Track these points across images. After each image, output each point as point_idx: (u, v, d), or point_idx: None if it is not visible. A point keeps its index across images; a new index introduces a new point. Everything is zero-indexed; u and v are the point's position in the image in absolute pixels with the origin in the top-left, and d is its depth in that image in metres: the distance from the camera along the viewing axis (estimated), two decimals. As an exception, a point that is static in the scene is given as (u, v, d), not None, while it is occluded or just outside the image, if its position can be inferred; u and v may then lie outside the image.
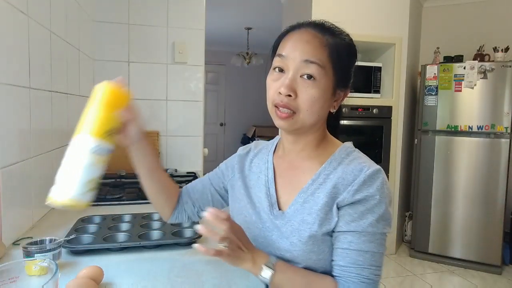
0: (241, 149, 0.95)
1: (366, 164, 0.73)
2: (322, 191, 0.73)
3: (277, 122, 0.75)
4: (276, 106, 0.73)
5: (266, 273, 0.67)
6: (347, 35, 0.78)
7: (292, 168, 0.81)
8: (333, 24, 0.78)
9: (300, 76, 0.71)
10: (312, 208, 0.73)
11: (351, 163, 0.74)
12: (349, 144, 0.82)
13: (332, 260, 0.72)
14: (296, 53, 0.72)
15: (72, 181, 0.64)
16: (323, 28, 0.75)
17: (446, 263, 3.15)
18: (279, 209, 0.78)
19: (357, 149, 0.80)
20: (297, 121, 0.73)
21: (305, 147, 0.80)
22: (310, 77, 0.71)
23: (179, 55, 2.12)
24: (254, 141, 0.97)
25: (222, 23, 5.13)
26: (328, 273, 0.73)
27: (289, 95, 0.71)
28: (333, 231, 0.72)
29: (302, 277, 0.70)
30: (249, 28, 5.36)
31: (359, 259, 0.68)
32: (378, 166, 0.73)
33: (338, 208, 0.71)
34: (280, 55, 0.74)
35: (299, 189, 0.77)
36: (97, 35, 2.00)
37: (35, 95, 1.16)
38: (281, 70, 0.74)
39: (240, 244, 0.66)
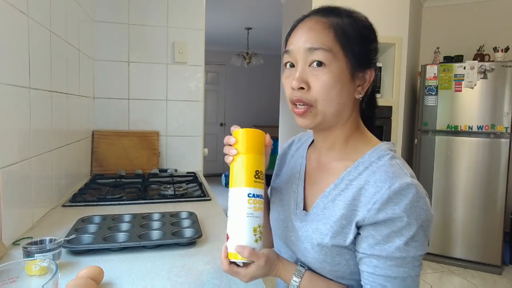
0: (286, 143, 0.92)
1: (394, 176, 0.62)
2: (342, 199, 0.67)
3: (298, 121, 0.70)
4: (293, 104, 0.69)
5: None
6: (356, 12, 0.71)
7: (320, 168, 0.76)
8: (341, 6, 0.72)
9: (310, 66, 0.67)
10: (330, 217, 0.67)
11: (377, 171, 0.65)
12: (386, 146, 0.70)
13: (360, 280, 0.67)
14: (300, 43, 0.68)
15: (239, 234, 0.66)
16: (326, 11, 0.70)
17: (446, 263, 3.15)
18: (304, 209, 0.75)
19: (393, 153, 0.69)
20: (317, 114, 0.67)
21: (335, 143, 0.73)
22: (319, 64, 0.66)
23: (179, 55, 2.12)
24: (300, 134, 0.92)
25: (222, 23, 5.13)
26: (348, 283, 0.70)
27: (302, 88, 0.66)
28: (352, 248, 0.66)
29: None
30: (249, 28, 5.36)
31: (387, 285, 0.61)
32: (408, 180, 0.61)
33: (358, 227, 0.64)
34: (287, 51, 0.71)
35: (322, 191, 0.72)
36: (97, 35, 2.00)
37: (35, 95, 1.16)
38: (292, 66, 0.70)
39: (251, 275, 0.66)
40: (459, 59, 3.20)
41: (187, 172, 2.03)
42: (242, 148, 0.69)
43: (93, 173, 1.94)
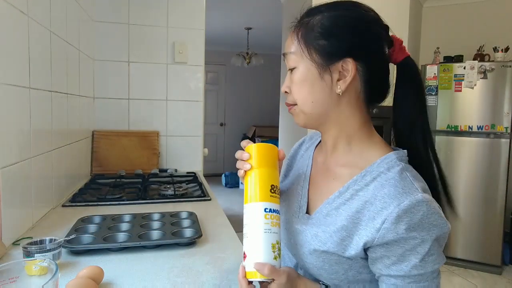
0: (297, 143, 0.91)
1: (403, 191, 0.58)
2: (346, 210, 0.64)
3: (294, 120, 0.73)
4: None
5: None
6: (341, 4, 0.68)
7: (326, 171, 0.73)
8: (323, 4, 0.68)
9: (289, 70, 0.71)
10: (330, 226, 0.65)
11: (386, 185, 0.61)
12: (396, 155, 0.65)
13: None
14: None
15: (258, 251, 0.63)
16: (306, 13, 0.70)
17: (446, 263, 3.13)
18: (307, 212, 0.73)
19: (404, 164, 0.63)
20: (299, 113, 0.70)
21: (337, 144, 0.71)
22: (292, 68, 0.69)
23: (179, 55, 2.12)
24: (311, 133, 0.88)
25: (222, 23, 5.13)
26: None
27: (286, 92, 0.71)
28: (353, 259, 0.64)
29: None
30: (249, 28, 5.36)
31: None
32: (419, 196, 0.57)
33: (366, 248, 0.61)
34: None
35: (327, 197, 0.69)
36: (97, 35, 2.00)
37: (35, 95, 1.16)
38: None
39: None
40: (459, 59, 3.20)
41: (187, 172, 2.03)
42: (256, 162, 0.67)
43: (93, 173, 1.94)
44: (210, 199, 1.53)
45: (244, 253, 0.64)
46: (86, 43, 1.82)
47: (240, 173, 0.69)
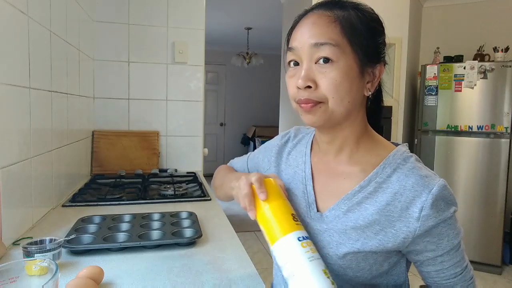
0: (280, 138, 0.86)
1: (429, 179, 0.63)
2: (373, 203, 0.64)
3: (306, 118, 0.65)
4: (298, 104, 0.65)
5: None
6: (362, 5, 0.67)
7: (330, 171, 0.72)
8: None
9: (316, 63, 0.62)
10: (358, 221, 0.64)
11: (410, 175, 0.64)
12: (404, 148, 0.70)
13: (427, 278, 0.70)
14: (304, 39, 0.63)
15: (313, 282, 0.55)
16: (330, 4, 0.66)
17: (446, 263, 3.15)
18: (318, 210, 0.70)
19: (414, 155, 0.69)
20: (326, 111, 0.63)
21: (344, 145, 0.69)
22: (326, 60, 0.61)
23: (179, 55, 2.12)
24: (294, 128, 0.86)
25: (222, 23, 5.13)
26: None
27: (309, 87, 0.62)
28: (377, 251, 0.64)
29: None
30: (249, 28, 5.36)
31: (457, 270, 0.67)
32: (441, 180, 0.64)
33: (406, 239, 0.63)
34: (290, 48, 0.66)
35: (340, 194, 0.68)
36: (97, 35, 2.00)
37: (35, 95, 1.16)
38: (296, 64, 0.66)
39: None
40: (459, 59, 3.20)
41: (187, 172, 2.03)
42: (268, 197, 0.62)
43: (93, 173, 1.94)
44: (210, 199, 1.53)
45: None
46: (86, 43, 1.82)
47: (253, 213, 0.63)
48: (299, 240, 0.59)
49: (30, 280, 0.58)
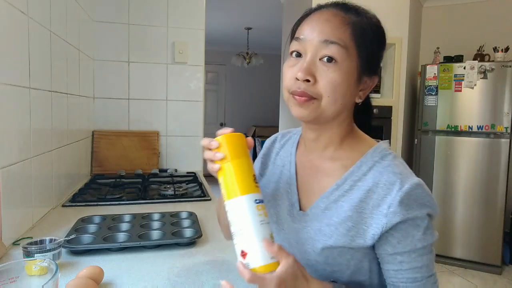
0: (267, 141, 0.88)
1: (402, 176, 0.63)
2: (347, 201, 0.66)
3: (296, 110, 0.65)
4: (292, 95, 0.65)
5: None
6: (375, 16, 0.69)
7: (314, 169, 0.73)
8: (358, 5, 0.69)
9: (320, 59, 0.63)
10: (332, 218, 0.66)
11: (384, 172, 0.64)
12: (385, 145, 0.70)
13: (387, 278, 0.66)
14: (314, 34, 0.63)
15: (260, 244, 0.59)
16: (346, 7, 0.66)
17: (446, 263, 3.15)
18: (300, 209, 0.72)
19: (393, 152, 0.69)
20: (318, 108, 0.64)
21: (328, 144, 0.71)
22: (330, 59, 0.62)
23: (179, 55, 2.12)
24: (282, 130, 0.88)
25: (222, 23, 5.13)
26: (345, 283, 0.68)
27: (307, 80, 0.62)
28: (354, 247, 0.65)
29: None
30: (249, 28, 5.36)
31: (417, 276, 0.63)
32: (416, 179, 0.63)
33: (375, 235, 0.63)
34: (297, 38, 0.66)
35: (321, 192, 0.69)
36: (97, 35, 2.00)
37: (35, 95, 1.16)
38: (299, 55, 0.66)
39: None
40: (459, 59, 3.20)
41: (187, 172, 2.03)
42: (231, 153, 0.62)
43: (93, 173, 1.94)
44: (210, 199, 1.53)
45: (242, 251, 0.60)
46: (86, 43, 1.82)
47: (214, 167, 0.63)
48: (256, 203, 0.61)
49: (30, 280, 0.58)
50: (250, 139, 0.67)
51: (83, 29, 1.77)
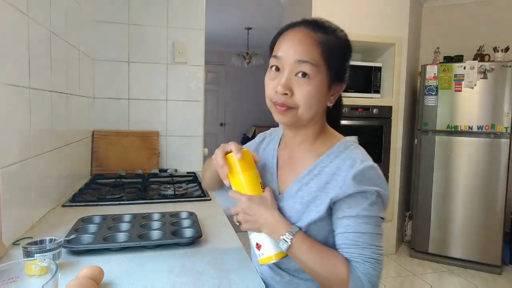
0: (258, 137, 1.03)
1: (358, 159, 0.76)
2: (316, 183, 0.79)
3: (277, 117, 0.80)
4: (274, 104, 0.78)
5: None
6: (341, 30, 0.80)
7: (292, 159, 0.87)
8: (327, 21, 0.80)
9: (295, 75, 0.75)
10: (304, 197, 0.79)
11: (345, 159, 0.77)
12: (350, 139, 0.84)
13: (337, 245, 0.76)
14: (290, 54, 0.75)
15: (267, 239, 0.79)
16: (316, 26, 0.77)
17: (446, 263, 3.15)
18: (279, 193, 0.86)
19: (356, 144, 0.82)
20: (295, 115, 0.77)
21: (304, 139, 0.85)
22: (304, 75, 0.74)
23: (179, 55, 2.12)
24: (271, 128, 1.03)
25: (222, 23, 5.13)
26: None
27: (286, 94, 0.75)
28: (328, 222, 0.78)
29: (316, 253, 0.75)
30: (249, 28, 5.36)
31: (359, 240, 0.72)
32: (371, 162, 0.76)
33: (334, 202, 0.76)
34: (275, 56, 0.78)
35: (296, 177, 0.83)
36: (97, 35, 2.00)
37: (35, 95, 1.16)
38: (278, 69, 0.78)
39: (247, 217, 0.79)
40: (459, 59, 3.20)
41: (187, 172, 2.03)
42: (242, 167, 0.80)
43: (93, 173, 1.94)
44: (210, 199, 1.53)
45: (257, 244, 0.80)
46: (86, 43, 1.82)
47: (227, 182, 0.82)
48: None
49: (30, 280, 0.58)
50: (254, 154, 0.85)
51: (83, 29, 1.77)
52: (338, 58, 0.78)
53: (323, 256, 0.74)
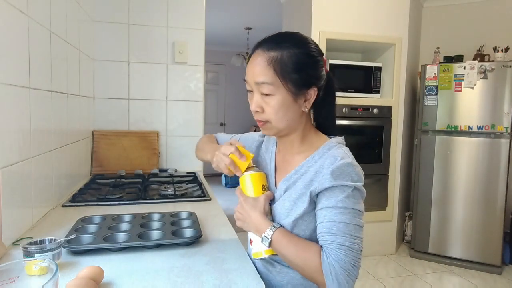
0: (261, 135, 1.07)
1: (339, 156, 0.82)
2: (302, 181, 0.86)
3: (262, 130, 0.92)
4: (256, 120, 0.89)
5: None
6: (300, 41, 0.85)
7: (285, 162, 0.95)
8: (286, 35, 0.87)
9: (261, 94, 0.84)
10: (291, 195, 0.86)
11: (327, 157, 0.84)
12: (336, 140, 0.90)
13: (317, 236, 0.82)
14: (250, 77, 0.85)
15: (257, 237, 0.87)
16: (271, 44, 0.83)
17: (446, 263, 3.15)
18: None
19: (340, 144, 0.89)
20: (272, 127, 0.87)
21: (291, 145, 0.93)
22: (266, 93, 0.83)
23: (179, 55, 2.12)
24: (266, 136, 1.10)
25: (222, 23, 5.13)
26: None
27: (258, 111, 0.86)
28: (313, 216, 0.84)
29: (294, 245, 0.81)
30: (249, 28, 5.36)
31: (333, 228, 0.77)
32: (349, 160, 0.82)
33: (316, 195, 0.82)
34: (245, 80, 0.87)
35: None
36: (97, 35, 2.00)
37: (35, 95, 1.16)
38: (251, 91, 0.87)
39: (239, 216, 0.89)
40: (459, 59, 3.20)
41: (187, 172, 2.03)
42: (245, 170, 0.89)
43: (93, 173, 1.94)
44: (210, 199, 1.53)
45: (250, 240, 0.90)
46: (86, 43, 1.82)
47: (240, 173, 0.90)
48: None
49: (30, 280, 0.58)
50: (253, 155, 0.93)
51: (83, 29, 1.77)
52: (294, 70, 0.81)
53: (299, 248, 0.80)
